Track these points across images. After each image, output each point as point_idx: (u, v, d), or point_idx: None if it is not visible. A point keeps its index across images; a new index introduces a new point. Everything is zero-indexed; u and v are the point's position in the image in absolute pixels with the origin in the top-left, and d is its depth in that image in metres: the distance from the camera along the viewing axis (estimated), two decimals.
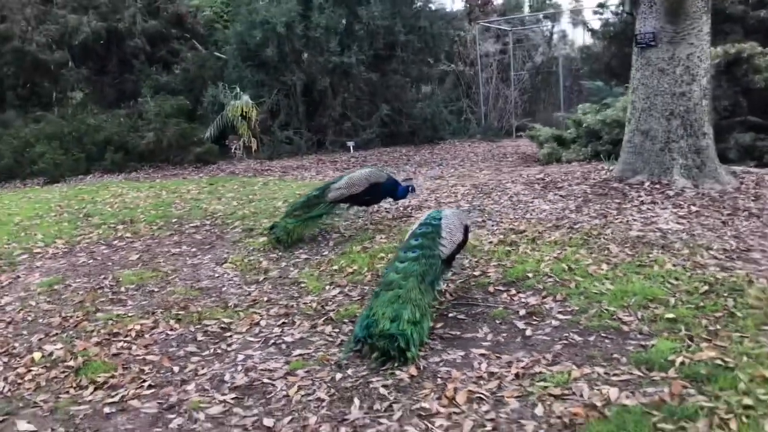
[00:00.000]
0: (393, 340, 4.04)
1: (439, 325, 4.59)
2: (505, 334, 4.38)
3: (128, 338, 4.83)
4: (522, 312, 4.66)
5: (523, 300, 4.87)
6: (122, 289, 5.99)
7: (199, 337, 4.79)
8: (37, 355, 4.63)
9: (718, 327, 4.22)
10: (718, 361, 3.76)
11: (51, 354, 4.63)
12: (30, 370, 4.42)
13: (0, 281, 6.52)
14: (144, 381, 4.14)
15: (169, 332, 4.91)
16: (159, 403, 3.86)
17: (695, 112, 7.60)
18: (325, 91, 16.22)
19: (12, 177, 13.91)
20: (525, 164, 11.94)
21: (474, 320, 4.63)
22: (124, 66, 17.33)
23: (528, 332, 4.36)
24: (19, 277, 6.62)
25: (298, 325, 4.83)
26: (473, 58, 19.99)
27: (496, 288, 5.13)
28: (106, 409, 3.82)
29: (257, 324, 4.94)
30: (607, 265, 5.36)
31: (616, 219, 6.49)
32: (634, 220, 6.42)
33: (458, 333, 4.45)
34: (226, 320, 5.03)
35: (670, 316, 4.41)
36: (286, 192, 9.95)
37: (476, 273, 5.48)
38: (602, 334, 4.25)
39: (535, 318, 4.56)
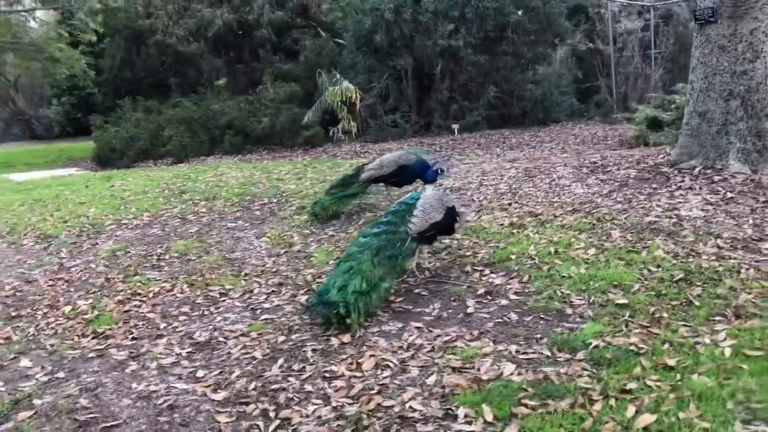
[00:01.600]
0: (334, 307, 4.37)
1: (399, 299, 4.85)
2: (450, 311, 4.55)
3: (144, 298, 5.53)
4: (481, 291, 4.80)
5: (490, 280, 4.98)
6: (167, 257, 6.74)
7: (198, 300, 5.38)
8: (67, 308, 5.45)
9: (665, 315, 4.13)
10: (632, 347, 3.74)
11: (78, 308, 5.42)
12: (56, 320, 5.22)
13: (82, 246, 7.52)
14: (131, 334, 4.78)
15: (179, 295, 5.54)
16: (130, 352, 4.47)
17: (758, 92, 7.09)
18: (433, 75, 16.47)
19: (147, 157, 15.53)
20: (612, 147, 11.52)
21: (432, 296, 4.83)
22: (252, 55, 18.58)
23: (471, 310, 4.50)
24: (97, 243, 7.61)
25: (282, 294, 5.28)
26: (613, 35, 19.11)
27: (475, 268, 5.27)
28: (90, 354, 4.50)
29: (251, 291, 5.44)
30: (597, 250, 5.31)
31: (640, 204, 6.30)
32: (658, 206, 6.20)
33: (410, 307, 4.68)
34: (228, 287, 5.59)
35: (623, 302, 4.37)
36: None
37: (467, 253, 5.63)
38: (541, 316, 4.31)
39: (488, 297, 4.69)
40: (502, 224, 6.28)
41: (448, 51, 15.91)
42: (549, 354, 3.78)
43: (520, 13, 15.91)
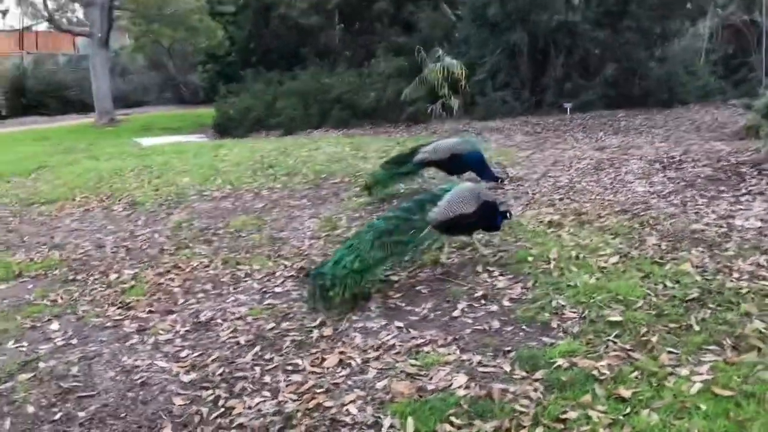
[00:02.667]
0: (320, 278, 4.53)
1: (397, 294, 4.86)
2: (438, 312, 4.51)
3: (180, 272, 5.89)
4: (478, 294, 4.70)
5: (494, 283, 4.86)
6: (221, 232, 7.12)
7: (224, 278, 5.66)
8: (113, 276, 5.94)
9: (654, 339, 3.88)
10: (595, 372, 3.56)
11: (121, 277, 5.90)
12: (99, 287, 5.71)
13: (158, 216, 8.10)
14: (150, 307, 5.14)
15: (211, 272, 5.86)
16: (139, 325, 4.83)
17: None
18: (548, 51, 15.86)
19: (260, 128, 16.24)
20: (723, 138, 10.60)
21: (430, 295, 4.80)
22: (369, 28, 18.77)
23: (457, 313, 4.44)
24: (172, 213, 8.16)
25: (298, 279, 5.43)
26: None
27: (487, 268, 5.16)
28: (107, 324, 4.91)
29: (272, 274, 5.65)
30: (621, 257, 5.03)
31: (695, 209, 5.85)
32: (714, 211, 5.73)
33: (403, 305, 4.68)
34: (256, 267, 5.83)
35: (616, 319, 4.14)
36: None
37: (488, 251, 5.51)
38: (523, 327, 4.18)
39: (482, 301, 4.59)
40: (541, 221, 6.07)
41: (565, 26, 15.20)
42: (508, 369, 3.67)
43: None
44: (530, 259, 5.16)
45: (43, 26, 39.60)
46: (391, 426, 3.24)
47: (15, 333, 4.82)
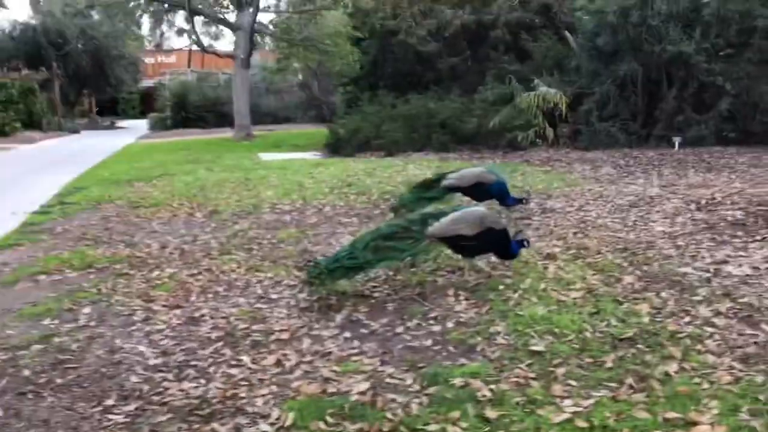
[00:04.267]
0: (316, 267, 5.31)
1: (365, 309, 5.29)
2: (388, 328, 4.88)
3: (208, 274, 6.66)
4: (432, 315, 5.03)
5: (454, 306, 5.16)
6: (265, 241, 7.85)
7: (238, 282, 6.34)
8: (155, 274, 6.82)
9: (560, 371, 4.06)
10: (479, 393, 3.83)
11: (161, 275, 6.76)
12: (140, 281, 6.60)
13: (226, 224, 9.01)
14: (166, 302, 5.92)
15: (233, 275, 6.57)
16: (147, 316, 5.59)
17: None
18: (660, 82, 15.40)
19: (367, 149, 17.06)
20: None
21: (392, 311, 5.17)
22: (484, 55, 19.10)
23: (400, 330, 4.80)
24: (237, 223, 9.05)
25: (298, 287, 6.00)
26: None
27: (458, 292, 5.45)
28: (125, 312, 5.73)
29: (278, 282, 6.26)
30: (585, 293, 5.14)
31: (695, 251, 5.78)
32: (713, 255, 5.65)
33: (363, 318, 5.10)
34: (270, 275, 6.47)
35: (538, 349, 4.34)
36: (530, 180, 10.60)
37: (473, 277, 5.79)
38: (450, 348, 4.48)
39: (431, 321, 4.92)
40: (540, 253, 6.22)
41: (680, 57, 14.70)
42: (409, 383, 4.00)
43: None
44: (501, 287, 5.37)
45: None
46: (278, 418, 3.69)
47: (56, 313, 5.72)
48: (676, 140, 14.78)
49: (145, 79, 50.88)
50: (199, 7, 24.38)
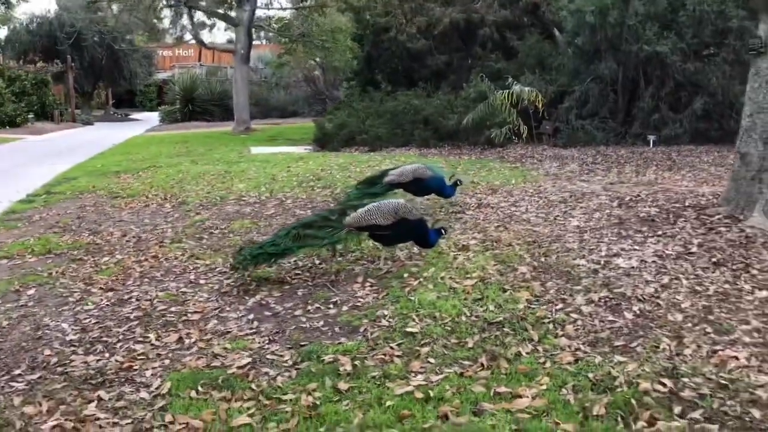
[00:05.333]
0: (240, 252, 5.89)
1: (277, 294, 5.68)
2: (289, 311, 5.24)
3: (153, 261, 7.07)
4: (333, 300, 5.41)
5: (356, 292, 5.53)
6: (217, 231, 8.25)
7: (176, 269, 6.74)
8: (105, 259, 7.25)
9: (426, 350, 4.40)
10: (341, 368, 4.20)
11: (111, 260, 7.19)
12: (90, 267, 7.03)
13: (189, 215, 9.43)
14: (105, 285, 6.34)
15: (174, 262, 6.97)
16: (81, 296, 6.01)
17: None
18: (637, 82, 15.59)
19: (351, 144, 17.41)
20: None
21: (300, 297, 5.54)
22: (470, 53, 19.36)
23: (298, 312, 5.17)
24: (199, 213, 9.46)
25: (228, 273, 6.40)
26: None
27: (367, 279, 5.82)
28: (64, 293, 6.15)
29: (213, 269, 6.66)
30: (478, 281, 5.48)
31: (595, 245, 6.11)
32: (608, 249, 5.97)
33: (272, 302, 5.48)
34: (207, 262, 6.87)
35: (413, 330, 4.69)
36: (491, 176, 10.93)
37: (387, 266, 6.16)
38: (336, 328, 4.84)
39: (330, 305, 5.29)
40: (455, 244, 6.55)
41: (656, 57, 14.89)
42: (287, 359, 4.37)
43: (742, 18, 14.12)
44: (406, 275, 5.73)
45: (221, 40, 44.15)
46: (158, 386, 4.09)
47: (2, 293, 6.16)
48: (651, 138, 14.99)
49: (163, 71, 51.64)
50: (202, 3, 24.84)
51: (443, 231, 6.03)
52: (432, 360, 4.19)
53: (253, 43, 25.88)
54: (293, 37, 24.73)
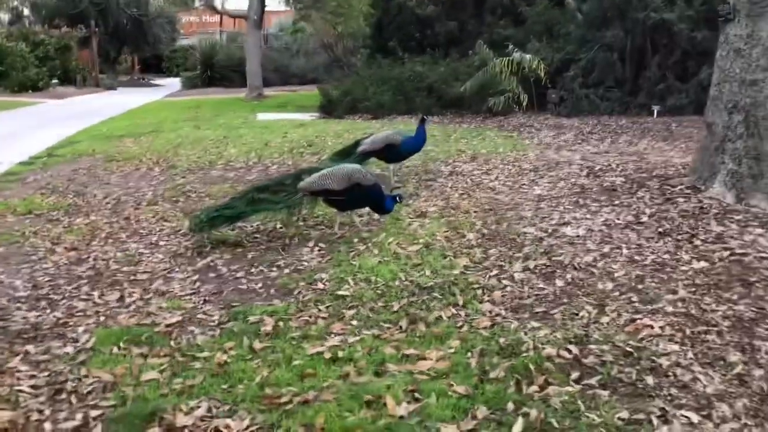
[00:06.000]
0: (197, 216, 6.06)
1: (228, 257, 5.76)
2: (233, 273, 5.32)
3: (124, 222, 7.21)
4: (280, 263, 5.48)
5: (302, 256, 5.60)
6: (193, 195, 8.35)
7: (142, 230, 6.87)
8: (79, 220, 7.40)
9: (351, 312, 4.46)
10: (264, 328, 4.27)
11: (84, 222, 7.33)
12: (61, 227, 7.17)
13: (175, 179, 9.55)
14: (68, 246, 6.48)
15: (144, 224, 7.09)
16: (42, 256, 6.16)
17: (765, 107, 6.04)
18: (644, 50, 15.25)
19: (353, 111, 17.35)
20: None
21: (249, 261, 5.59)
22: (479, 19, 19.05)
23: (241, 275, 5.26)
24: (185, 177, 9.57)
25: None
26: None
27: (318, 244, 5.89)
28: (29, 251, 6.31)
29: (177, 231, 6.77)
30: (423, 247, 5.51)
31: (549, 214, 6.08)
32: (561, 218, 5.94)
33: (220, 264, 5.57)
34: (173, 225, 6.99)
35: (343, 293, 4.75)
36: (482, 145, 10.91)
37: (341, 231, 6.21)
38: (272, 290, 4.91)
39: (273, 268, 5.36)
40: (415, 211, 6.58)
41: (662, 25, 14.52)
42: (216, 318, 4.46)
43: None
44: (356, 240, 5.77)
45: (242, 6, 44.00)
46: (86, 341, 4.21)
47: None
48: (656, 108, 14.70)
49: (187, 38, 51.70)
50: None
51: (399, 198, 6.04)
52: (354, 322, 4.25)
53: (274, 9, 25.76)
54: (307, 3, 24.50)
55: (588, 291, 4.47)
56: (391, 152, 7.67)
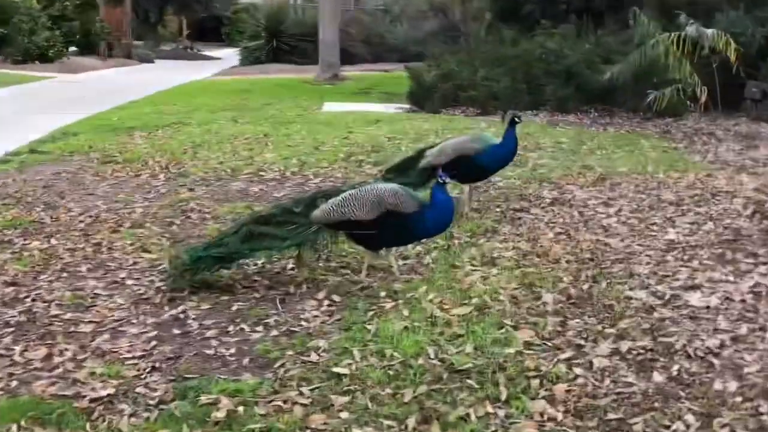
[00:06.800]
0: (176, 258, 6.27)
1: (206, 305, 5.97)
2: (206, 330, 5.48)
3: (91, 249, 7.57)
4: (271, 320, 5.62)
5: (307, 311, 5.73)
6: (194, 216, 8.66)
7: (110, 262, 7.18)
8: (34, 244, 7.85)
9: (339, 403, 4.54)
10: (215, 415, 4.41)
11: (37, 247, 7.77)
12: (6, 252, 7.64)
13: (180, 190, 9.96)
14: (9, 278, 6.87)
15: (115, 254, 7.41)
16: None
17: None
18: None
19: (454, 103, 17.47)
20: None
21: (235, 312, 5.79)
22: None
23: (213, 333, 5.44)
24: (193, 189, 9.95)
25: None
26: None
27: (333, 296, 6.00)
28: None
29: (155, 266, 7.07)
30: (471, 309, 5.51)
31: (671, 275, 5.93)
32: (690, 277, 5.77)
33: (192, 316, 5.77)
34: (153, 257, 7.29)
35: (342, 371, 4.82)
36: (623, 161, 10.93)
37: (371, 278, 6.30)
38: (245, 360, 5.05)
39: (258, 327, 5.51)
40: (484, 256, 6.58)
41: None
42: (158, 394, 4.63)
43: None
44: (383, 294, 5.84)
45: None
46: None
47: None
48: None
49: None
50: None
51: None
52: (343, 415, 4.28)
53: None
54: None
55: (696, 393, 4.30)
56: (463, 166, 7.61)
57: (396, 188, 6.06)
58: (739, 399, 4.25)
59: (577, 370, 4.62)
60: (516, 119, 7.77)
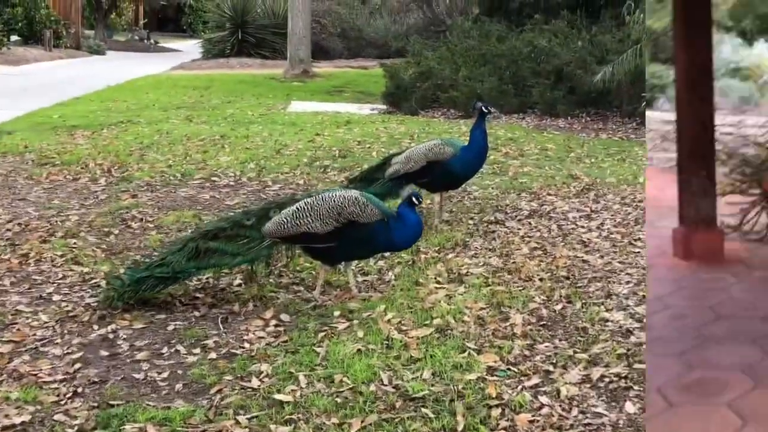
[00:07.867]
0: (116, 279, 6.28)
1: (140, 325, 5.97)
2: (137, 351, 5.49)
3: (16, 261, 7.56)
4: (211, 342, 5.62)
5: (250, 332, 5.74)
6: (135, 225, 8.67)
7: (37, 276, 7.12)
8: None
9: None
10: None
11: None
12: None
13: (121, 197, 9.95)
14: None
15: (43, 266, 7.39)
16: None
17: None
18: None
19: (433, 104, 17.56)
20: None
21: (172, 332, 5.80)
22: None
23: (144, 356, 5.43)
24: (137, 195, 9.95)
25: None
26: None
27: (281, 315, 6.01)
28: None
29: (85, 281, 7.04)
30: (432, 331, 5.53)
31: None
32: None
33: (123, 337, 5.77)
34: (86, 270, 7.28)
35: (284, 398, 4.82)
36: (613, 170, 11.02)
37: (326, 296, 6.32)
38: (179, 385, 5.03)
39: (195, 349, 5.50)
40: (450, 272, 6.61)
41: None
42: (79, 422, 4.62)
43: None
44: (338, 313, 5.86)
45: None
46: None
47: None
48: None
49: None
50: None
51: (416, 198, 6.04)
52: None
53: None
54: None
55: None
56: (435, 173, 7.64)
57: (356, 195, 6.07)
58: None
59: (543, 399, 4.65)
60: (484, 109, 7.75)
